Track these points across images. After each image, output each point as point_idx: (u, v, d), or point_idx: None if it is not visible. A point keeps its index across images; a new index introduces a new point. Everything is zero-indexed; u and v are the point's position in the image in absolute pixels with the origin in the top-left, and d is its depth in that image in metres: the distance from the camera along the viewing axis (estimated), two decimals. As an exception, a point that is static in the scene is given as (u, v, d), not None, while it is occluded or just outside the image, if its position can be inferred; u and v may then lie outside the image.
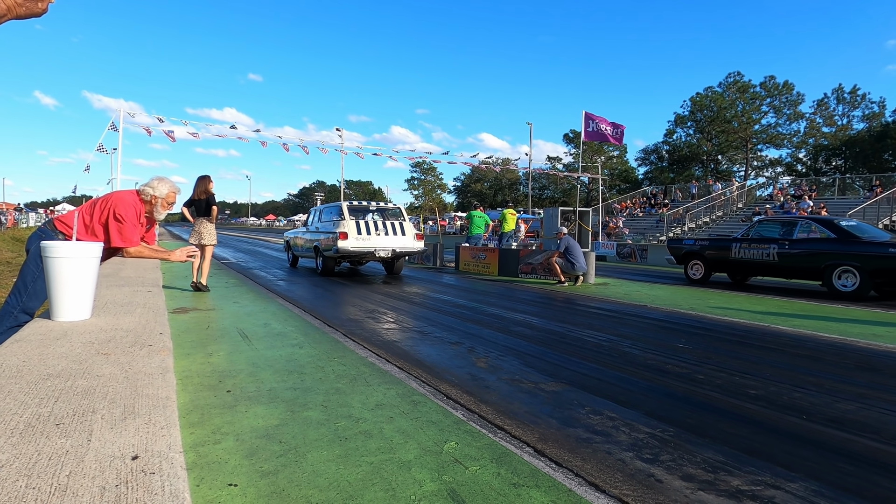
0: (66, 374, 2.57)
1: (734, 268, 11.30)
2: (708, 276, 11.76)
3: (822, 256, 9.65)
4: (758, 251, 10.64)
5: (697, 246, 12.03)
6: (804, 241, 10.08)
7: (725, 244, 11.43)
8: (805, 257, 9.94)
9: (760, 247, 10.62)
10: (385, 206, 13.08)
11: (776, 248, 10.35)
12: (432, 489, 2.16)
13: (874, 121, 46.08)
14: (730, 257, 11.16)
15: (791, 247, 10.16)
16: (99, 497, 1.49)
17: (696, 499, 2.20)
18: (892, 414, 3.32)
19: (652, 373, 4.20)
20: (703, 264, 11.78)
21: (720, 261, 11.46)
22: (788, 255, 10.16)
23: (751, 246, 10.80)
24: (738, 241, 11.13)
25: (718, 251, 11.46)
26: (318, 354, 4.38)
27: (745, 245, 10.94)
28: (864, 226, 10.66)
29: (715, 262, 11.59)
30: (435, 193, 79.96)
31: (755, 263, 10.75)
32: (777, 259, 10.32)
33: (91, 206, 4.25)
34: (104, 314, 4.18)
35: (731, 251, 11.14)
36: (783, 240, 10.35)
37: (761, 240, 10.73)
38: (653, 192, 36.10)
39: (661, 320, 6.77)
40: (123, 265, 8.89)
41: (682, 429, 3.01)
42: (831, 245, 9.63)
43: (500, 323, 6.31)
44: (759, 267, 10.74)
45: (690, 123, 53.66)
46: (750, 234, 11.09)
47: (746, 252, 10.84)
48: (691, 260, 12.11)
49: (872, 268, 9.01)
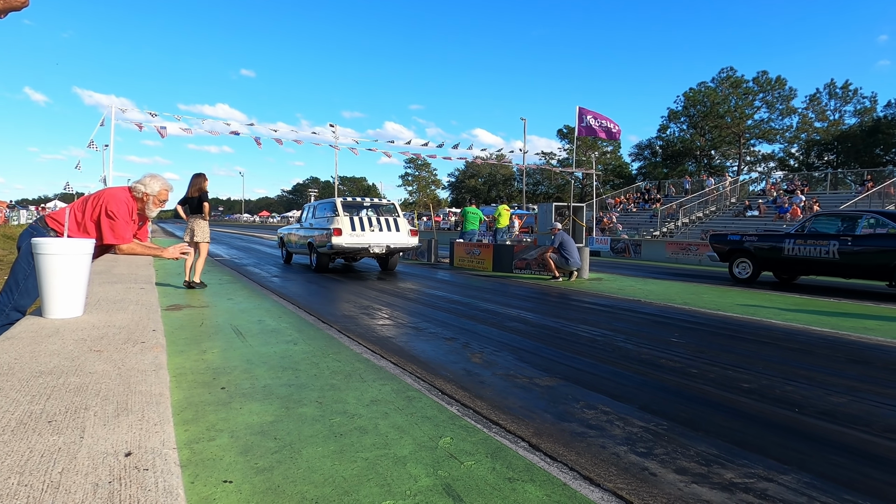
0: (59, 371, 2.55)
1: (786, 266, 10.39)
2: (756, 274, 10.83)
3: (891, 254, 8.84)
4: (815, 248, 9.71)
5: (745, 242, 11.03)
6: (870, 237, 9.20)
7: (777, 240, 10.48)
8: (871, 255, 9.05)
9: (818, 243, 9.66)
10: (379, 203, 13.06)
11: (836, 245, 9.43)
12: (427, 484, 2.16)
13: (866, 116, 46.37)
14: (782, 255, 10.27)
15: (854, 243, 9.24)
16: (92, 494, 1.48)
17: (690, 492, 2.21)
18: (882, 406, 3.35)
19: (646, 367, 4.22)
20: (752, 262, 10.84)
21: (771, 259, 10.53)
22: (851, 253, 9.25)
23: (807, 242, 9.87)
24: (792, 238, 10.19)
25: (769, 248, 10.51)
26: (313, 351, 4.37)
27: (800, 241, 10.00)
28: None
29: (765, 260, 10.65)
30: (429, 189, 79.89)
31: (812, 262, 9.81)
32: (838, 257, 9.41)
33: (83, 203, 4.21)
34: (96, 311, 4.16)
35: (783, 248, 10.23)
36: (844, 236, 9.43)
37: (819, 236, 9.78)
38: (646, 188, 36.19)
39: (654, 315, 6.80)
40: (116, 262, 8.84)
41: (675, 422, 3.02)
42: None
43: (495, 318, 6.32)
44: (817, 265, 9.79)
45: (684, 119, 53.85)
46: (805, 230, 10.18)
47: (802, 249, 9.92)
48: (737, 257, 11.15)
49: None
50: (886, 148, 43.94)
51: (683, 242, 19.57)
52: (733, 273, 11.24)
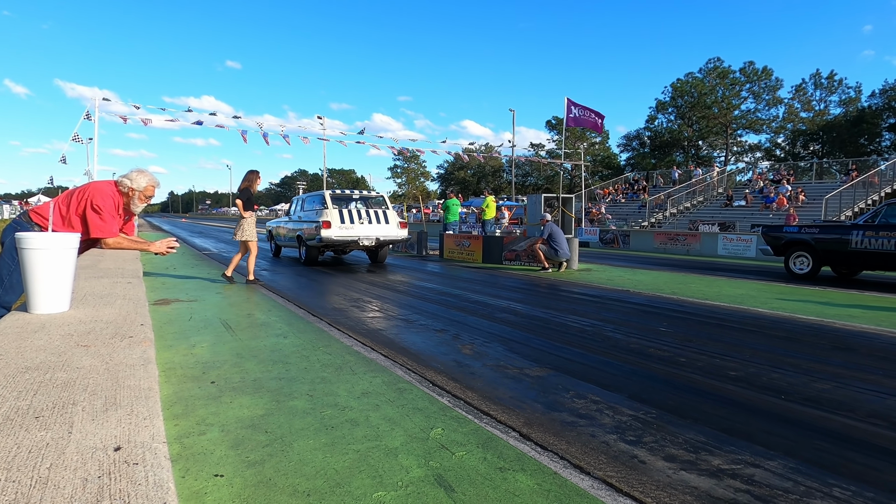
0: (45, 366, 2.53)
1: (853, 261, 9.42)
2: (817, 270, 9.87)
3: None
4: (889, 240, 8.71)
5: (804, 234, 10.04)
6: None
7: (843, 232, 9.45)
8: None
9: (894, 235, 8.70)
10: (368, 195, 13.00)
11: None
12: (419, 475, 2.17)
13: (850, 106, 46.80)
14: (848, 248, 9.26)
15: None
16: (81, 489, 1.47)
17: (679, 478, 2.24)
18: (866, 392, 3.41)
19: (634, 356, 4.26)
20: (812, 256, 9.89)
21: (835, 252, 9.56)
22: None
23: (878, 234, 8.85)
24: (861, 229, 9.16)
25: (834, 241, 9.51)
26: (303, 344, 4.36)
27: (870, 233, 8.96)
28: None
29: (827, 255, 9.70)
30: (418, 181, 79.69)
31: (885, 256, 8.79)
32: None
33: (67, 196, 4.16)
34: (83, 306, 4.12)
35: (849, 241, 9.23)
36: None
37: (892, 227, 8.77)
38: (635, 178, 36.34)
39: (643, 305, 6.85)
40: (102, 257, 8.74)
41: (664, 411, 3.06)
42: None
43: (485, 310, 6.33)
44: (891, 260, 8.79)
45: (671, 109, 54.06)
46: (877, 220, 9.09)
47: (873, 242, 8.89)
48: (795, 251, 10.21)
49: None
50: (870, 138, 44.45)
51: (671, 232, 19.71)
52: (789, 268, 10.30)
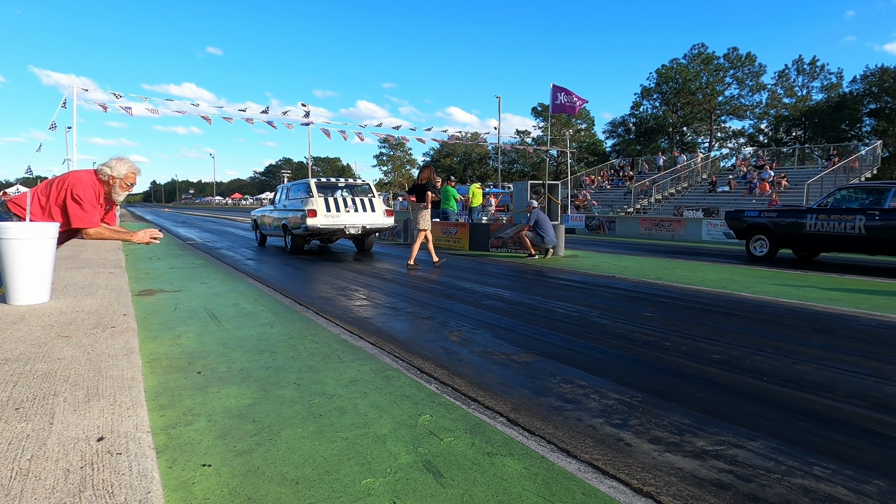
0: (25, 357, 2.49)
1: (808, 243, 10.05)
2: (774, 252, 10.52)
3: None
4: (840, 223, 9.28)
5: (763, 218, 10.69)
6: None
7: (798, 216, 10.10)
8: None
9: (843, 218, 9.23)
10: (354, 183, 12.91)
11: (863, 220, 9.01)
12: (408, 461, 2.18)
13: (832, 91, 47.33)
14: (803, 231, 9.90)
15: (882, 217, 8.82)
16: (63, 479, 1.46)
17: (664, 460, 2.28)
18: (846, 374, 3.48)
19: (620, 341, 4.30)
20: (770, 239, 10.53)
21: (791, 235, 10.18)
22: (880, 228, 8.83)
23: (830, 218, 9.44)
24: (815, 213, 9.79)
25: (790, 224, 10.14)
26: (290, 333, 4.34)
27: (822, 217, 9.57)
28: None
29: (785, 237, 10.31)
30: (404, 169, 79.32)
31: (836, 238, 9.40)
32: (864, 232, 9.00)
33: (47, 186, 4.08)
34: (64, 297, 4.06)
35: (805, 224, 9.85)
36: (871, 210, 9.00)
37: (844, 211, 9.36)
38: (620, 165, 36.50)
39: (628, 290, 6.91)
40: (83, 247, 8.61)
41: (649, 394, 3.09)
42: None
43: (472, 297, 6.35)
44: (842, 242, 9.40)
45: (656, 96, 54.26)
46: (830, 204, 9.74)
47: (825, 225, 9.50)
48: (755, 234, 10.82)
49: None
50: (852, 123, 45.02)
51: (657, 218, 19.88)
52: (749, 250, 10.94)
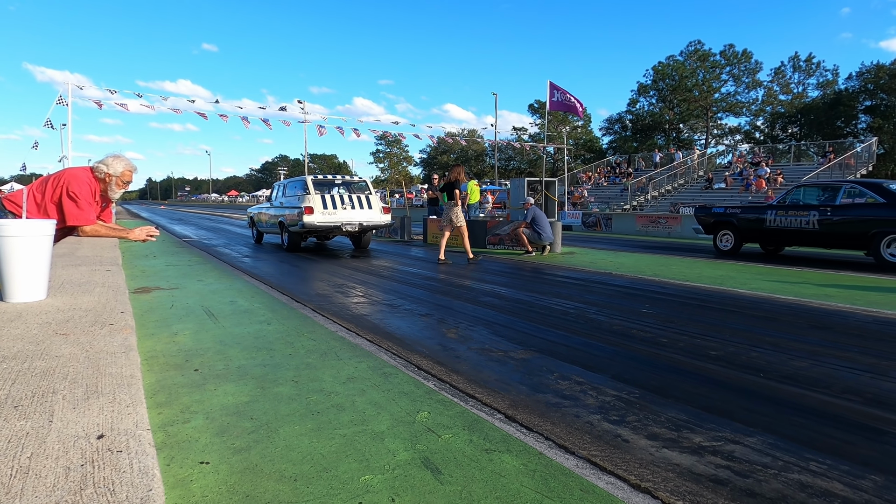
0: (23, 355, 2.48)
1: (769, 237, 10.75)
2: (739, 246, 11.17)
3: (869, 223, 8.95)
4: (796, 219, 9.92)
5: (728, 214, 11.33)
6: (849, 206, 9.32)
7: (760, 212, 10.78)
8: (850, 224, 9.21)
9: (799, 214, 9.88)
10: (351, 180, 12.90)
11: (817, 216, 9.60)
12: (406, 458, 2.18)
13: (828, 88, 47.44)
14: (764, 226, 10.51)
15: (834, 213, 9.40)
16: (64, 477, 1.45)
17: (661, 456, 2.29)
18: (842, 369, 3.49)
19: (617, 338, 4.31)
20: (735, 234, 11.17)
21: (754, 230, 10.81)
22: (831, 223, 9.41)
23: (788, 213, 10.08)
24: (774, 209, 10.43)
25: (752, 220, 10.78)
26: (287, 330, 4.34)
27: (781, 212, 10.21)
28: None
29: (748, 232, 10.96)
30: (401, 166, 79.22)
31: (793, 232, 10.04)
32: (818, 227, 9.58)
33: (42, 183, 4.06)
34: (61, 294, 4.05)
35: (766, 220, 10.47)
36: (825, 206, 9.59)
37: (801, 207, 9.96)
38: (617, 162, 36.53)
39: (625, 287, 6.93)
40: (79, 244, 8.58)
41: (646, 390, 3.10)
42: (880, 211, 8.88)
43: (469, 294, 6.35)
44: (798, 236, 10.03)
45: (653, 93, 54.27)
46: (787, 201, 10.39)
47: (783, 220, 10.14)
48: (721, 229, 11.47)
49: None
50: (847, 120, 45.13)
51: (653, 215, 19.91)
52: (717, 245, 11.48)
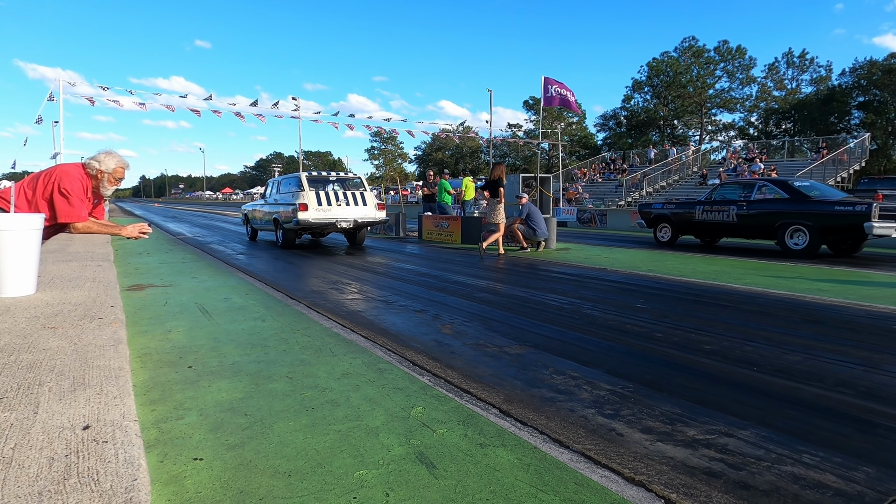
0: (9, 348, 2.47)
1: (699, 230, 11.85)
2: (675, 238, 12.32)
3: (775, 216, 10.11)
4: (719, 213, 11.13)
5: (665, 210, 12.57)
6: (760, 201, 10.49)
7: (690, 207, 11.92)
8: (761, 217, 10.39)
9: (721, 209, 11.08)
10: (345, 177, 12.87)
11: (735, 210, 10.80)
12: (400, 453, 2.18)
13: (821, 84, 47.61)
14: (694, 220, 11.68)
15: (749, 208, 10.59)
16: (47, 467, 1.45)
17: (655, 449, 2.29)
18: (835, 363, 3.51)
19: (612, 333, 4.32)
20: (671, 227, 12.35)
21: (686, 223, 11.98)
22: (746, 216, 10.62)
23: (713, 208, 11.28)
24: (702, 204, 11.59)
25: (684, 214, 11.99)
26: (282, 327, 4.33)
27: (707, 208, 11.40)
28: (819, 185, 11.15)
29: (681, 225, 12.13)
30: (396, 163, 79.09)
31: (717, 225, 11.26)
32: (736, 220, 10.80)
33: (33, 180, 4.03)
34: (50, 289, 4.02)
35: (695, 214, 11.65)
36: (742, 201, 10.76)
37: (722, 202, 11.15)
38: (611, 158, 36.59)
39: (620, 282, 6.94)
40: (71, 241, 8.53)
41: (641, 384, 3.11)
42: (785, 205, 10.06)
43: (464, 290, 6.35)
44: (721, 228, 11.25)
45: (647, 89, 54.35)
46: (713, 197, 11.50)
47: (709, 214, 11.33)
48: (660, 223, 12.64)
49: (821, 225, 9.50)
50: (840, 116, 45.30)
51: (647, 211, 19.93)
52: (657, 237, 12.75)
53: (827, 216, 9.45)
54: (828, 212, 9.44)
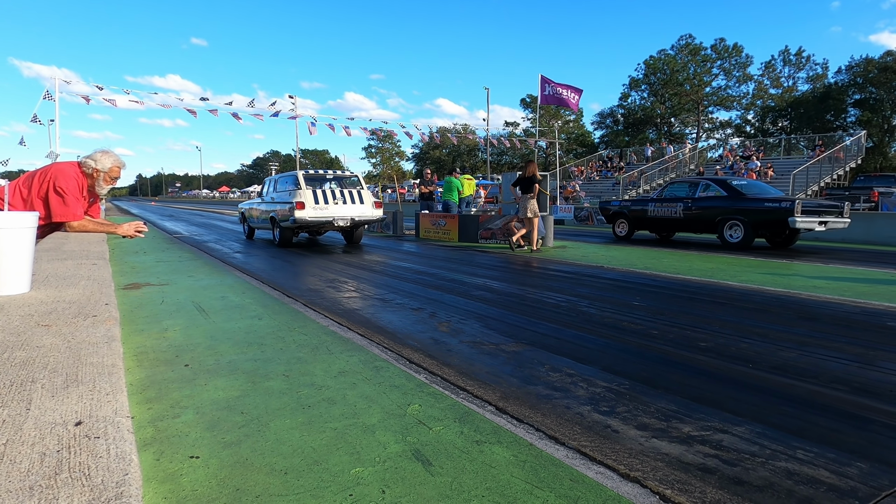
0: (2, 346, 2.47)
1: (652, 225, 12.82)
2: (632, 232, 13.22)
3: (715, 212, 11.11)
4: (668, 209, 12.14)
5: (622, 207, 13.57)
6: (703, 199, 11.49)
7: (644, 204, 12.91)
8: (703, 213, 11.40)
9: (670, 205, 12.09)
10: (342, 175, 12.85)
11: (682, 206, 11.81)
12: (397, 450, 2.18)
13: (818, 82, 47.65)
14: (647, 216, 12.65)
15: (693, 204, 11.62)
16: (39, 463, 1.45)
17: (651, 446, 2.30)
18: (830, 359, 3.53)
19: (608, 330, 4.33)
20: (628, 222, 13.27)
21: (640, 219, 12.92)
22: (691, 212, 11.65)
23: (662, 205, 12.27)
24: (654, 201, 12.61)
25: (638, 211, 12.94)
26: (279, 325, 4.33)
27: (658, 205, 12.40)
28: (757, 184, 12.31)
29: (636, 220, 13.05)
30: (393, 161, 78.97)
31: (667, 220, 12.25)
32: (682, 216, 11.81)
33: (28, 178, 4.01)
34: (45, 287, 4.02)
35: (648, 210, 12.64)
36: (688, 198, 11.77)
37: (671, 199, 12.15)
38: (608, 156, 36.62)
39: (616, 280, 6.95)
40: (66, 239, 8.51)
41: (636, 382, 3.12)
42: (723, 202, 11.06)
43: (461, 288, 6.35)
44: (671, 223, 12.25)
45: (644, 87, 54.35)
46: (663, 195, 12.49)
47: (659, 210, 12.33)
48: (618, 219, 13.57)
49: (753, 220, 10.51)
50: (836, 114, 45.38)
51: (644, 209, 19.96)
52: (615, 232, 13.66)
53: (758, 212, 10.44)
54: (759, 208, 10.44)
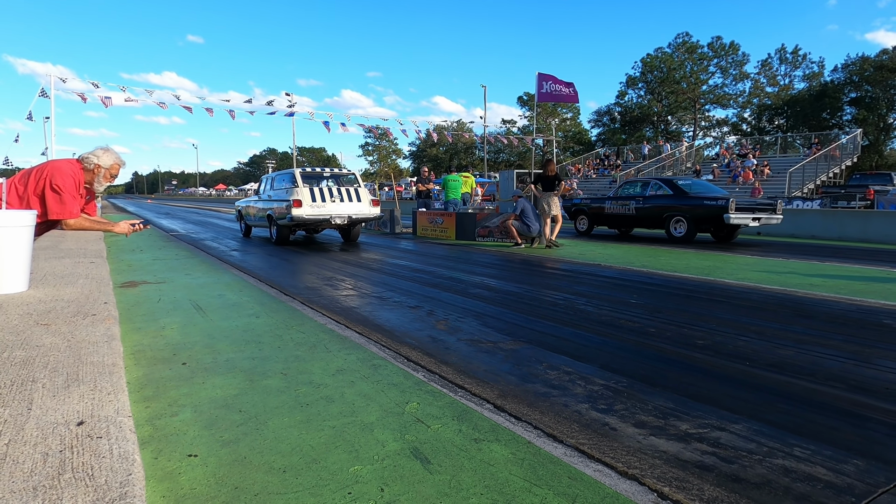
0: (2, 345, 2.46)
1: (609, 221, 13.54)
2: (591, 228, 14.14)
3: (662, 209, 12.09)
4: (622, 207, 12.97)
5: (583, 203, 14.37)
6: (652, 197, 12.42)
7: (602, 202, 13.71)
8: (652, 210, 12.33)
9: (624, 203, 12.94)
10: (339, 173, 12.82)
11: (634, 204, 12.69)
12: (395, 448, 2.19)
13: (814, 80, 47.73)
14: (605, 212, 13.47)
15: (644, 202, 12.54)
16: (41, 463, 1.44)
17: (648, 443, 2.31)
18: (826, 357, 3.54)
19: (606, 328, 4.33)
20: (588, 218, 14.09)
21: (599, 215, 13.73)
22: (642, 209, 12.56)
23: (618, 202, 13.10)
24: (610, 199, 13.41)
25: (597, 208, 13.74)
26: (276, 323, 4.32)
27: (614, 202, 13.21)
28: (701, 183, 13.28)
29: (595, 217, 13.88)
30: (390, 159, 78.88)
31: (622, 216, 13.04)
32: (635, 212, 12.69)
33: (24, 175, 4.00)
34: (43, 286, 4.00)
35: (605, 207, 13.44)
36: (639, 196, 12.70)
37: (625, 197, 13.01)
38: (606, 154, 36.64)
39: (614, 278, 6.97)
40: (63, 237, 8.48)
41: (634, 379, 3.13)
42: (669, 200, 12.07)
43: (459, 286, 6.36)
44: (625, 219, 13.04)
45: (641, 85, 54.38)
46: (618, 193, 13.36)
47: (615, 208, 13.14)
48: (579, 215, 14.38)
49: (694, 216, 11.59)
50: (833, 112, 45.46)
51: (641, 207, 20.00)
52: (576, 227, 14.50)
53: (699, 209, 11.50)
54: (699, 205, 11.50)
